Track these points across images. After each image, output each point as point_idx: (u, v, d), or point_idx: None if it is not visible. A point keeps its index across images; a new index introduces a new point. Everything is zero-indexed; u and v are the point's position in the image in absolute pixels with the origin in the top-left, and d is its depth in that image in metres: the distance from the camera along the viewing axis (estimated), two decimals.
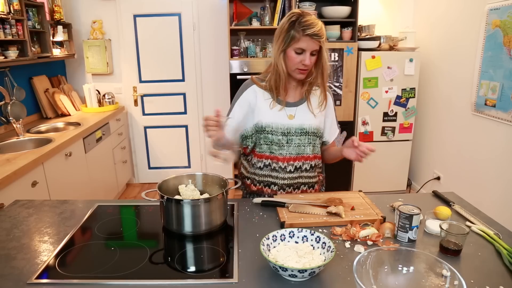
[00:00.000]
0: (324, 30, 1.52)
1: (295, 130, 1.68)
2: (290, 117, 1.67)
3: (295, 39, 1.50)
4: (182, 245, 1.31)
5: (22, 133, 3.01)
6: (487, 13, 2.97)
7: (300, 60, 1.54)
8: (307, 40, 1.49)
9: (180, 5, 4.15)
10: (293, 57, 1.54)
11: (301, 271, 1.01)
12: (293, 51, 1.53)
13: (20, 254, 1.24)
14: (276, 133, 1.67)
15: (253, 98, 1.69)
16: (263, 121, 1.67)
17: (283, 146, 1.68)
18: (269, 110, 1.67)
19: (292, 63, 1.56)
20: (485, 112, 3.06)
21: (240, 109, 1.70)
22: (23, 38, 3.01)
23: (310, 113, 1.69)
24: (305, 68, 1.56)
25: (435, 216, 1.43)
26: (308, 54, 1.52)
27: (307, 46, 1.50)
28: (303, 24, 1.48)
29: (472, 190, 3.26)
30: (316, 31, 1.48)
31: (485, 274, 1.12)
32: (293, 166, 1.71)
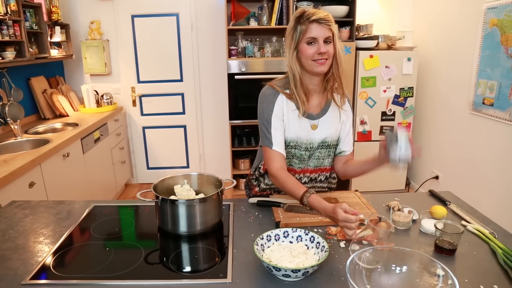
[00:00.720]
0: (332, 18, 1.45)
1: (318, 144, 1.61)
2: (313, 127, 1.59)
3: (303, 30, 1.43)
4: (177, 245, 1.31)
5: (19, 134, 3.01)
6: (484, 12, 2.97)
7: (315, 51, 1.43)
8: (315, 27, 1.41)
9: (178, 5, 4.15)
10: (306, 50, 1.44)
11: (295, 271, 1.01)
12: (305, 44, 1.44)
13: (15, 255, 1.24)
14: (300, 148, 1.61)
15: (283, 108, 1.57)
16: (288, 136, 1.58)
17: (304, 160, 1.64)
18: (296, 122, 1.57)
19: (307, 56, 1.45)
20: (483, 111, 3.06)
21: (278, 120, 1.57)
22: (20, 39, 3.01)
23: (334, 121, 1.61)
24: (322, 57, 1.43)
25: (431, 216, 1.43)
26: (321, 41, 1.42)
27: (318, 33, 1.41)
28: (307, 14, 1.43)
29: (470, 189, 3.26)
30: (322, 16, 1.41)
31: (479, 273, 1.12)
32: (308, 177, 1.68)
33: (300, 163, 1.65)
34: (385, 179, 4.09)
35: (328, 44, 1.44)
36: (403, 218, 1.41)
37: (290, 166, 1.66)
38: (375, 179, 4.04)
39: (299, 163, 1.65)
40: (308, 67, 1.48)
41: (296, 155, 1.62)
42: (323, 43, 1.43)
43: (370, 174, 3.92)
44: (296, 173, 1.66)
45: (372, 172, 1.59)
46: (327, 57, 1.44)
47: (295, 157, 1.63)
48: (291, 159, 1.64)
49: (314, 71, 1.48)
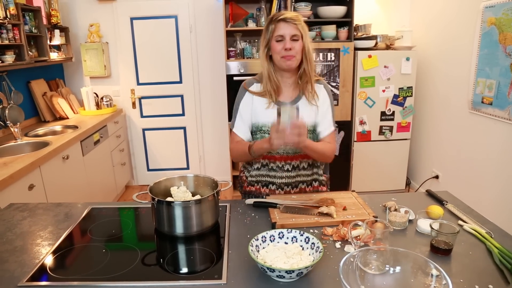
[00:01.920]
0: (300, 18, 1.60)
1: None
2: None
3: (273, 29, 1.59)
4: (174, 247, 1.32)
5: (19, 137, 3.02)
6: (482, 10, 2.97)
7: (282, 47, 1.58)
8: (283, 26, 1.57)
9: (176, 7, 4.16)
10: (275, 46, 1.59)
11: (289, 272, 1.02)
12: (274, 41, 1.59)
13: (12, 257, 1.25)
14: None
15: (251, 101, 1.72)
16: (259, 121, 1.70)
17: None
18: (265, 110, 1.68)
19: (276, 52, 1.60)
20: (482, 110, 3.06)
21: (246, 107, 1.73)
22: (20, 42, 3.02)
23: (309, 109, 1.69)
24: (288, 54, 1.58)
25: (427, 216, 1.43)
26: (288, 38, 1.57)
27: (285, 31, 1.56)
28: (277, 14, 1.60)
29: (470, 188, 3.26)
30: (289, 16, 1.57)
31: (475, 273, 1.12)
32: (290, 164, 1.73)
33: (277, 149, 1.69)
34: (385, 179, 4.10)
35: (295, 42, 1.58)
36: (399, 218, 1.41)
37: (269, 153, 1.71)
38: (375, 179, 4.05)
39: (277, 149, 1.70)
40: (278, 63, 1.63)
41: None
42: (290, 40, 1.57)
43: (370, 175, 3.91)
44: (277, 160, 1.72)
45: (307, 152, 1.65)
46: (294, 53, 1.58)
47: None
48: None
49: (282, 66, 1.63)
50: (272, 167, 1.73)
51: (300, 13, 3.62)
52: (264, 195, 1.76)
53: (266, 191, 1.76)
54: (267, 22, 1.63)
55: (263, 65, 1.67)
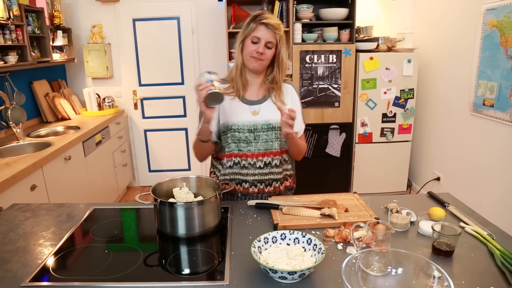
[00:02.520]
0: (281, 27, 1.63)
1: (262, 126, 1.71)
2: (254, 113, 1.71)
3: (252, 28, 1.61)
4: (176, 248, 1.32)
5: (22, 138, 3.03)
6: (483, 13, 2.97)
7: (255, 49, 1.60)
8: (262, 29, 1.59)
9: (178, 9, 4.17)
10: (248, 46, 1.62)
11: (291, 273, 1.02)
12: (250, 40, 1.61)
13: (15, 257, 1.25)
14: (243, 130, 1.70)
15: None
16: (229, 120, 1.71)
17: (250, 142, 1.71)
18: (233, 109, 1.71)
19: (247, 51, 1.62)
20: (484, 112, 3.06)
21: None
22: (22, 43, 3.04)
23: (274, 109, 1.70)
24: (258, 56, 1.61)
25: (429, 217, 1.43)
26: (263, 43, 1.60)
27: (262, 35, 1.59)
28: (261, 16, 1.61)
29: (471, 190, 3.26)
30: (272, 22, 1.59)
31: (477, 275, 1.12)
32: (262, 161, 1.73)
33: (248, 146, 1.72)
34: (386, 181, 4.10)
35: (268, 49, 1.62)
36: (401, 220, 1.41)
37: (240, 151, 1.73)
38: (376, 181, 4.05)
39: (247, 146, 1.72)
40: (246, 61, 1.67)
41: (242, 138, 1.71)
42: (264, 45, 1.60)
43: (371, 176, 3.91)
44: (249, 157, 1.73)
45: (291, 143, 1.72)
46: (264, 58, 1.63)
47: (241, 140, 1.72)
48: (237, 143, 1.72)
49: (249, 66, 1.67)
50: (244, 165, 1.73)
51: (302, 15, 3.63)
52: (238, 193, 1.77)
53: (240, 189, 1.76)
54: (250, 18, 1.64)
55: (236, 58, 1.69)
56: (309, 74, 3.72)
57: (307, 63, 3.69)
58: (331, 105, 3.82)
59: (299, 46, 3.65)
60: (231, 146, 1.73)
